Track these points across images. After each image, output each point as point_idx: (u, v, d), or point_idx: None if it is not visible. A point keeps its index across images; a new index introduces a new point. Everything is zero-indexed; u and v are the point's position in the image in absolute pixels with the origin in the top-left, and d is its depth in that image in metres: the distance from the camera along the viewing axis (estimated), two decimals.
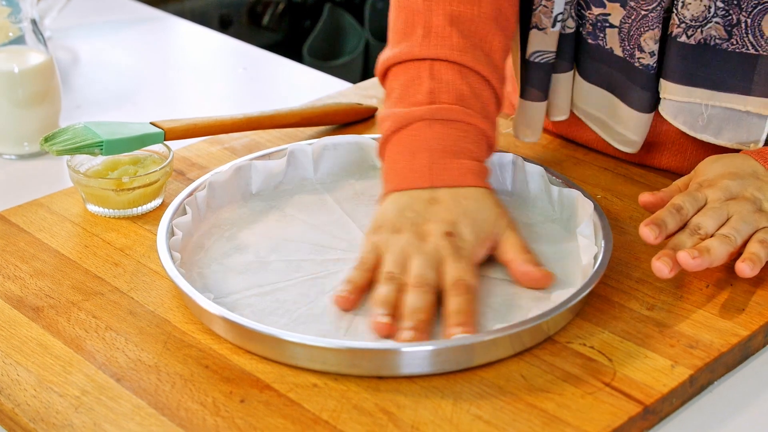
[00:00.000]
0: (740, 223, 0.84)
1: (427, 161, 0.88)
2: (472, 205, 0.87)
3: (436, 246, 0.83)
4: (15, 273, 0.88)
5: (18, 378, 0.76)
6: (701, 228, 0.84)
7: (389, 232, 0.85)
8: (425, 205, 0.87)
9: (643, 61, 0.96)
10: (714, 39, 0.92)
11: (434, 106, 0.90)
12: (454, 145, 0.89)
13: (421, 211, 0.86)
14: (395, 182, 0.89)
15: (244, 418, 0.72)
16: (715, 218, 0.85)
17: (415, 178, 0.88)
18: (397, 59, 0.95)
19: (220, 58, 1.49)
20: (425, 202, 0.87)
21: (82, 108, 1.26)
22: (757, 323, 0.81)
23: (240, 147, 1.08)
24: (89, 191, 0.95)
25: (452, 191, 0.87)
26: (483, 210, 0.87)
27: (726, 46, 0.92)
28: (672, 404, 0.75)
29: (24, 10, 1.11)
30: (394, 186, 0.89)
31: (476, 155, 0.90)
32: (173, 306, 0.83)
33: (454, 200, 0.87)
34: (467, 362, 0.76)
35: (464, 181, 0.88)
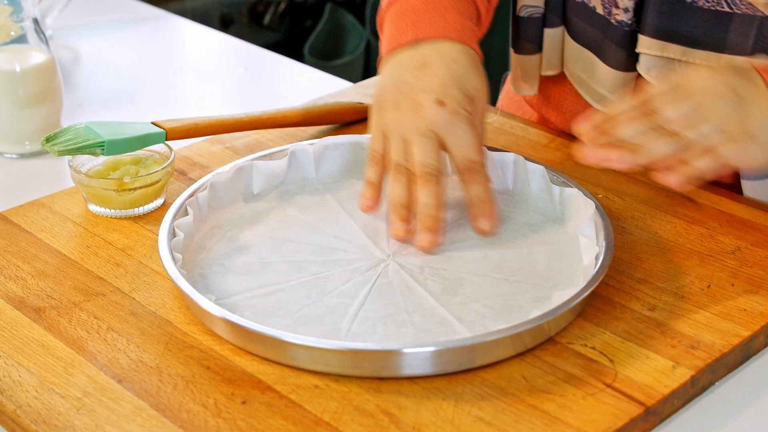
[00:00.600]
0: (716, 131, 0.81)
1: (412, 19, 0.91)
2: (461, 68, 0.89)
3: (431, 121, 0.86)
4: (16, 273, 0.88)
5: (20, 379, 0.76)
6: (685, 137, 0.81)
7: (389, 109, 0.88)
8: (415, 72, 0.89)
9: (618, 17, 0.98)
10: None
11: None
12: (439, 3, 0.92)
13: (411, 80, 0.88)
14: (386, 46, 0.92)
15: (245, 420, 0.72)
16: (697, 128, 0.82)
17: (400, 35, 0.91)
18: None
19: (221, 57, 1.49)
20: (415, 68, 0.89)
21: (83, 107, 1.26)
22: (759, 323, 0.81)
23: (241, 146, 1.08)
24: (91, 191, 0.95)
25: (439, 52, 0.89)
26: (472, 73, 0.89)
27: (702, 3, 0.93)
28: (673, 405, 0.75)
29: (26, 9, 1.11)
30: (385, 50, 0.92)
31: (464, 13, 0.92)
32: (175, 307, 0.83)
33: (443, 63, 0.89)
34: (468, 363, 0.76)
35: (449, 34, 0.90)
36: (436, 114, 0.86)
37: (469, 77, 0.89)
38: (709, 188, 0.99)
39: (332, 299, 0.83)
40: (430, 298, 0.83)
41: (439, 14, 0.91)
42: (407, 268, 0.87)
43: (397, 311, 0.82)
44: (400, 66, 0.89)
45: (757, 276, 0.86)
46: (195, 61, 1.47)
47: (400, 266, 0.87)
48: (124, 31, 1.51)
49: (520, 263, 0.88)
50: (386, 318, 0.81)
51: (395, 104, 0.88)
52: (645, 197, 0.98)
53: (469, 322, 0.80)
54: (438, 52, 0.89)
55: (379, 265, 0.88)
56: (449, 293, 0.84)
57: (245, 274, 0.86)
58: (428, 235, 0.86)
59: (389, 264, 0.88)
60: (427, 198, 0.86)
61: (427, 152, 0.86)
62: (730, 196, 0.98)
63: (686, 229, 0.93)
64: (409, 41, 0.90)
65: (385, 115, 0.89)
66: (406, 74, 0.89)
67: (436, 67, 0.88)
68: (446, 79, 0.88)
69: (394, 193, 0.87)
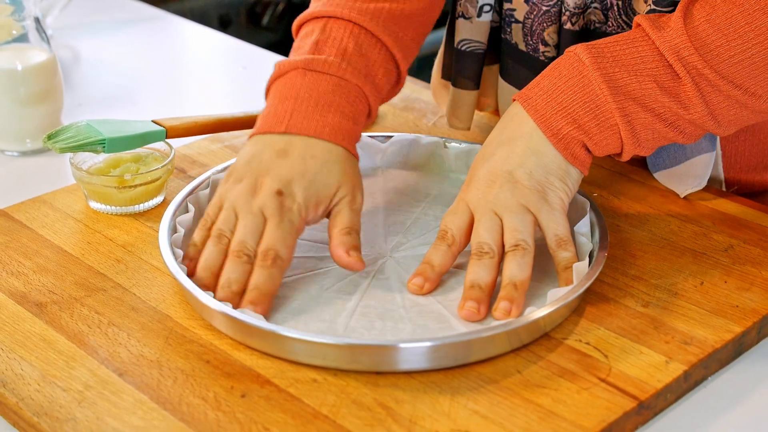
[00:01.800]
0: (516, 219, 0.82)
1: (291, 107, 0.89)
2: (316, 166, 0.86)
3: (263, 204, 0.84)
4: (18, 269, 0.89)
5: (22, 372, 0.77)
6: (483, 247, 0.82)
7: (233, 182, 0.87)
8: (273, 156, 0.87)
9: (548, 54, 0.99)
10: (594, 23, 0.96)
11: (312, 56, 0.91)
12: (323, 97, 0.90)
13: (266, 161, 0.87)
14: (258, 125, 0.90)
15: (244, 413, 0.73)
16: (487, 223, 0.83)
17: (275, 122, 0.89)
18: (303, 18, 0.97)
19: (220, 57, 1.50)
20: (275, 153, 0.87)
21: (83, 106, 1.27)
22: (751, 320, 0.82)
23: (241, 145, 1.09)
24: (92, 188, 0.96)
25: (305, 146, 0.87)
26: (326, 173, 0.86)
27: (605, 29, 0.96)
28: (666, 399, 0.76)
29: (27, 9, 1.12)
30: (256, 129, 0.90)
31: (346, 113, 0.90)
32: (175, 302, 0.84)
33: (301, 157, 0.87)
34: (465, 358, 0.77)
35: (321, 133, 0.88)
36: (269, 201, 0.84)
37: (323, 176, 0.86)
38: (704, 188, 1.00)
39: (330, 295, 0.84)
40: (427, 295, 0.84)
41: (318, 111, 0.88)
42: (404, 264, 0.88)
43: (394, 307, 0.83)
44: (264, 146, 0.88)
45: (750, 273, 0.87)
46: (194, 60, 1.48)
47: (398, 263, 0.88)
48: (125, 30, 1.52)
49: None
50: (384, 314, 0.82)
51: (240, 178, 0.86)
52: (639, 196, 0.99)
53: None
54: (303, 145, 0.87)
55: (377, 261, 0.89)
56: (446, 290, 0.85)
57: None
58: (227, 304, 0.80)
59: (387, 261, 0.89)
60: (231, 273, 0.82)
61: (249, 231, 0.83)
62: (724, 195, 0.99)
63: (680, 228, 0.94)
64: (281, 131, 0.88)
65: (228, 186, 0.87)
66: (265, 155, 0.87)
67: (294, 159, 0.86)
68: (296, 174, 0.85)
69: (205, 256, 0.84)
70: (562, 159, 0.84)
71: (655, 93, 0.83)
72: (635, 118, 0.83)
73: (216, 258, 0.83)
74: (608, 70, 0.83)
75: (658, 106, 0.83)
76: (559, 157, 0.84)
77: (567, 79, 0.84)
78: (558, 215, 0.83)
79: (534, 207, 0.83)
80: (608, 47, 0.84)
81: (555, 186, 0.84)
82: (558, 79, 0.85)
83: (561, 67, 0.85)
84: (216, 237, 0.84)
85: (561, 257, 0.83)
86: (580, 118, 0.84)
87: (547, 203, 0.83)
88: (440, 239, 0.84)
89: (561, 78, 0.85)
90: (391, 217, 0.95)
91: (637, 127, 0.84)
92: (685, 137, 0.86)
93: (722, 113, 0.84)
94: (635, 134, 0.84)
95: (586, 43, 0.85)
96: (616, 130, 0.84)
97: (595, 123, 0.83)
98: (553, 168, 0.84)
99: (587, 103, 0.83)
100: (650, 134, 0.84)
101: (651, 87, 0.83)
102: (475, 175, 0.85)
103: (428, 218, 0.95)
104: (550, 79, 0.85)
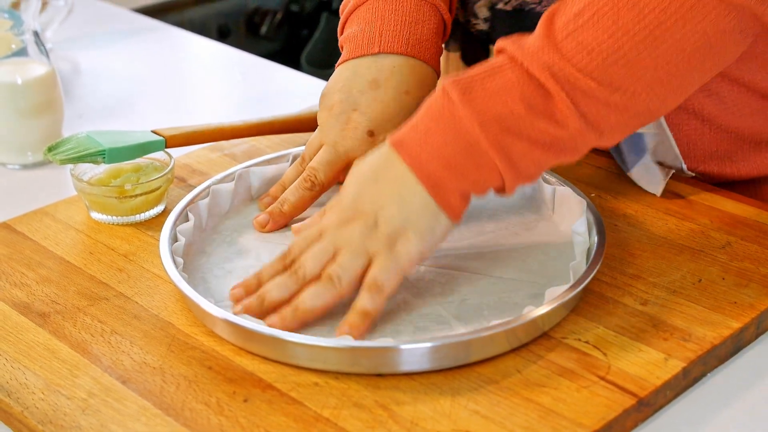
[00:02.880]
0: (347, 256, 0.79)
1: (378, 29, 0.92)
2: (412, 104, 0.90)
3: (353, 146, 0.92)
4: (21, 280, 0.90)
5: (26, 382, 0.78)
6: (299, 269, 0.80)
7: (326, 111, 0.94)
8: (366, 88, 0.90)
9: (478, 27, 1.01)
10: (528, 4, 0.97)
11: None
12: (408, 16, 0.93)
13: (356, 96, 0.90)
14: (348, 51, 0.92)
15: (247, 417, 0.74)
16: (320, 254, 0.80)
17: (366, 44, 0.91)
18: None
19: (219, 67, 1.51)
20: (367, 84, 0.90)
21: (84, 117, 1.28)
22: (749, 316, 0.82)
23: (240, 153, 1.10)
24: (93, 199, 0.97)
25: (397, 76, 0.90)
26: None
27: (539, 9, 0.96)
28: (666, 396, 0.77)
29: (26, 23, 1.13)
30: (346, 55, 0.92)
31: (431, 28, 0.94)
32: (176, 310, 0.85)
33: (395, 92, 0.90)
34: (464, 358, 0.77)
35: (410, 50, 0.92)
36: (359, 141, 0.88)
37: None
38: (700, 185, 1.00)
39: None
40: (427, 297, 0.85)
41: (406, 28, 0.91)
42: None
43: (394, 310, 0.83)
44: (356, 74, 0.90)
45: (747, 270, 0.88)
46: (193, 70, 1.49)
47: None
48: (123, 42, 1.53)
49: (514, 261, 0.89)
50: (384, 317, 0.82)
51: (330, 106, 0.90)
52: (637, 196, 0.99)
53: (466, 320, 0.82)
54: (394, 74, 0.90)
55: None
56: (446, 292, 0.85)
57: (245, 277, 0.88)
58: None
59: None
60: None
61: (327, 168, 0.91)
62: (721, 192, 0.99)
63: (678, 226, 0.94)
64: (374, 53, 0.90)
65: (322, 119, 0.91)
66: (355, 87, 0.90)
67: (386, 89, 0.89)
68: (389, 111, 0.89)
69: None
70: (434, 206, 0.80)
71: (529, 118, 0.78)
72: (512, 150, 0.78)
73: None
74: (477, 105, 0.78)
75: (534, 132, 0.78)
76: (430, 204, 0.80)
77: (438, 119, 0.79)
78: (391, 265, 0.79)
79: (374, 251, 0.80)
80: (476, 79, 0.79)
81: (409, 239, 0.79)
82: (430, 121, 0.80)
83: (433, 107, 0.80)
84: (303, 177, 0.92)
85: (361, 299, 0.79)
86: (455, 160, 0.79)
87: (390, 252, 0.79)
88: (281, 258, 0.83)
89: (433, 119, 0.80)
90: None
91: (515, 158, 0.79)
92: (568, 156, 0.81)
93: (602, 122, 0.79)
94: (514, 166, 0.79)
95: (455, 79, 0.79)
96: (494, 167, 0.79)
97: (471, 163, 0.79)
98: (414, 217, 0.80)
99: (460, 143, 0.78)
100: (530, 162, 0.79)
101: (523, 113, 0.78)
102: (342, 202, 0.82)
103: None
104: (424, 122, 0.80)
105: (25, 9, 1.15)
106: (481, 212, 0.96)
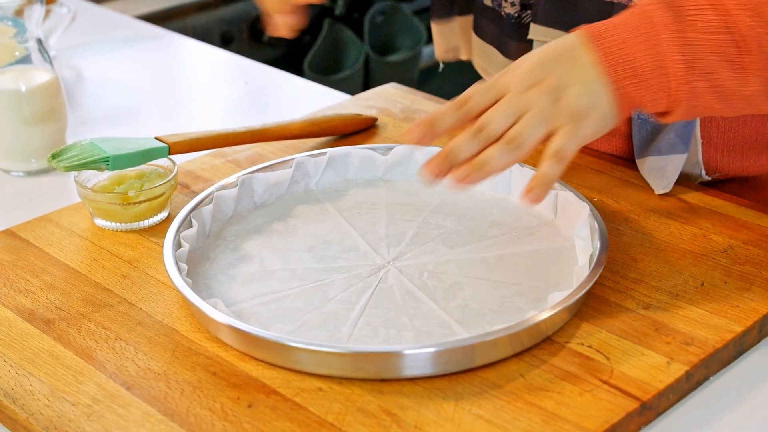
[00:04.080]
0: (533, 121, 0.79)
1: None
2: None
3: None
4: (26, 287, 0.90)
5: (31, 388, 0.78)
6: (486, 126, 0.79)
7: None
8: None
9: (507, 10, 1.02)
10: None
11: None
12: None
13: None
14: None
15: (251, 423, 0.74)
16: (506, 114, 0.80)
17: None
18: None
19: (222, 73, 1.51)
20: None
21: (87, 124, 1.28)
22: (751, 319, 0.83)
23: (243, 159, 1.10)
24: (96, 206, 0.97)
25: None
26: None
27: None
28: (669, 400, 0.77)
29: (29, 30, 1.13)
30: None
31: None
32: (180, 316, 0.85)
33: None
34: (468, 363, 0.78)
35: None
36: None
37: None
38: (702, 189, 1.01)
39: (334, 305, 0.85)
40: (430, 302, 0.85)
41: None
42: (407, 273, 0.89)
43: (397, 315, 0.84)
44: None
45: (749, 273, 0.88)
46: (196, 77, 1.50)
47: (400, 272, 0.89)
48: (127, 50, 1.54)
49: (517, 266, 0.90)
50: (387, 322, 0.83)
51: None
52: (639, 200, 1.00)
53: (468, 325, 0.82)
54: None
55: (380, 271, 0.90)
56: (448, 297, 0.86)
57: (249, 283, 0.88)
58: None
59: (389, 270, 0.90)
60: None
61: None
62: (722, 196, 1.00)
63: (679, 230, 0.95)
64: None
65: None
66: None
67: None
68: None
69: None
70: (611, 103, 0.81)
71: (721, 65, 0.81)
72: (695, 87, 0.82)
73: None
74: (685, 34, 0.81)
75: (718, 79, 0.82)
76: (609, 99, 0.81)
77: (641, 33, 0.82)
78: (574, 139, 0.80)
79: (559, 123, 0.80)
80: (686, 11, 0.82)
81: (592, 120, 0.81)
82: (632, 31, 0.82)
83: (639, 19, 0.82)
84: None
85: (545, 166, 0.80)
86: (644, 76, 0.81)
87: (575, 126, 0.80)
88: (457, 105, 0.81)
89: (636, 30, 0.82)
90: (393, 226, 0.96)
91: (693, 95, 0.82)
92: (731, 110, 0.85)
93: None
94: (688, 102, 0.82)
95: (665, 2, 0.82)
96: (671, 95, 0.82)
97: (655, 84, 0.81)
98: (599, 104, 0.81)
99: (655, 61, 0.81)
100: (701, 104, 0.83)
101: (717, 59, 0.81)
102: (525, 66, 0.82)
103: (430, 227, 0.96)
104: (626, 26, 0.82)
105: (29, 16, 1.15)
106: (484, 217, 0.97)
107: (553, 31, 0.99)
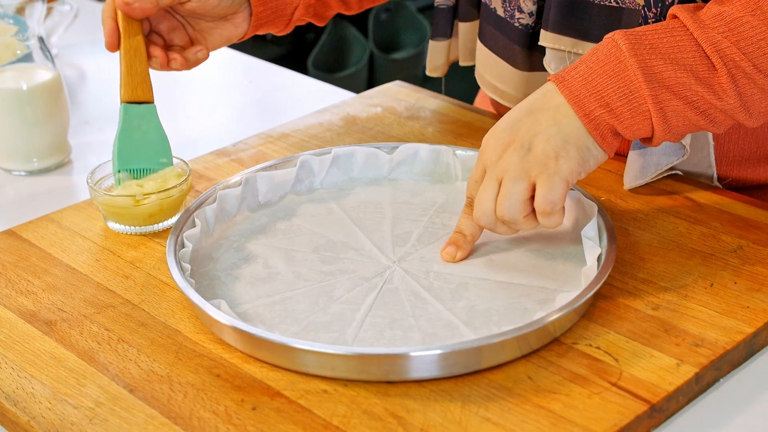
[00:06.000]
0: (509, 187, 0.83)
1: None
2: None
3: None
4: (27, 288, 0.89)
5: (33, 391, 0.77)
6: (478, 215, 0.86)
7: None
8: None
9: (522, 21, 1.03)
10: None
11: None
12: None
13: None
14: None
15: (255, 425, 0.73)
16: (487, 190, 0.85)
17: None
18: None
19: (226, 71, 1.50)
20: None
21: (90, 123, 1.27)
22: (762, 320, 0.82)
23: (247, 158, 1.09)
24: (109, 209, 0.96)
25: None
26: None
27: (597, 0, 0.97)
28: (678, 402, 0.76)
29: (31, 28, 1.13)
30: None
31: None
32: (184, 317, 0.85)
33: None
34: (475, 365, 0.77)
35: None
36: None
37: None
38: (711, 189, 1.00)
39: (339, 306, 0.84)
40: (436, 303, 0.84)
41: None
42: (413, 273, 0.88)
43: (403, 316, 0.83)
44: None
45: (760, 274, 0.87)
46: (200, 75, 1.49)
47: (406, 272, 0.88)
48: None
49: (524, 266, 0.89)
50: (393, 323, 0.82)
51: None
52: (647, 200, 0.99)
53: (475, 326, 0.81)
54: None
55: (385, 271, 0.89)
56: (455, 298, 0.85)
57: (253, 284, 0.88)
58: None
59: (395, 270, 0.89)
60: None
61: None
62: (732, 195, 0.99)
63: (688, 230, 0.94)
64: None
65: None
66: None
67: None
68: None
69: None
70: (587, 134, 0.85)
71: (690, 82, 0.84)
72: (668, 105, 0.84)
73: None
74: (644, 58, 0.84)
75: (692, 95, 0.84)
76: (583, 131, 0.85)
77: (603, 64, 0.85)
78: (556, 180, 0.83)
79: (536, 173, 0.83)
80: (646, 35, 0.85)
81: (570, 155, 0.84)
82: (594, 64, 0.86)
83: (599, 52, 0.86)
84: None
85: (543, 223, 0.85)
86: (613, 103, 0.84)
87: (551, 168, 0.83)
88: (467, 206, 0.89)
89: (597, 63, 0.85)
90: (398, 226, 0.95)
91: (668, 114, 0.85)
92: (715, 126, 0.87)
93: (755, 105, 0.85)
94: (666, 121, 0.85)
95: (625, 31, 0.85)
96: (648, 117, 0.85)
97: (628, 108, 0.84)
98: (572, 138, 0.84)
99: (621, 88, 0.84)
100: (681, 122, 0.85)
101: (686, 76, 0.84)
102: (496, 131, 0.86)
103: (436, 227, 0.95)
104: (587, 64, 0.86)
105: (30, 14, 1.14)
106: None
107: (564, 38, 0.99)
